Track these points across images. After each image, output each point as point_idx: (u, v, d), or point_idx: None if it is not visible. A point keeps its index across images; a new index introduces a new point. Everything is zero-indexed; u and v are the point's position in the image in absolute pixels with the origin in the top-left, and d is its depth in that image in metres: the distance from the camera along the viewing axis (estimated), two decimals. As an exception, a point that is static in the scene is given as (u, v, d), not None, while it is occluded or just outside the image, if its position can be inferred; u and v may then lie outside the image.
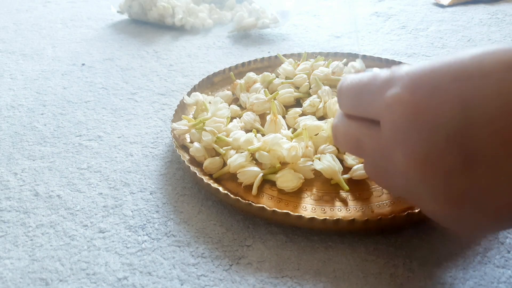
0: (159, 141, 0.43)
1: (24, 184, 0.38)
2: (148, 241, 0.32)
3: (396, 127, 0.22)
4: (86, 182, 0.38)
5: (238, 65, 0.52)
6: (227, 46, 0.65)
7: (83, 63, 0.60)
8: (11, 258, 0.31)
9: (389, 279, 0.28)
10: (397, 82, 0.22)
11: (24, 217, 0.34)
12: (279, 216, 0.31)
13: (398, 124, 0.21)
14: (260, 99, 0.43)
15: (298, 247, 0.31)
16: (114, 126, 0.46)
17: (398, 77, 0.22)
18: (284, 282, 0.28)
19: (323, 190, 0.34)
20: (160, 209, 0.34)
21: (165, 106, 0.49)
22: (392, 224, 0.30)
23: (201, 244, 0.31)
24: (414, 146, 0.21)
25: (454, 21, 0.72)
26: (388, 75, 0.23)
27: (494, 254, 0.30)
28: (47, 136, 0.44)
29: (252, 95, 0.44)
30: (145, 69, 0.58)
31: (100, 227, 0.33)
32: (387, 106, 0.22)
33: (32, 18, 0.78)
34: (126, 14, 0.75)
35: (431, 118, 0.20)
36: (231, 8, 0.78)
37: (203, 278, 0.29)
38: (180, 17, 0.70)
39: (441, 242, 0.31)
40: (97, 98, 0.51)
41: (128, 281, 0.29)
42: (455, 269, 0.29)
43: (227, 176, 0.36)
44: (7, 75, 0.57)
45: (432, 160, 0.20)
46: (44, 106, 0.50)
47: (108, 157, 0.41)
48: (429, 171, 0.21)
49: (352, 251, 0.30)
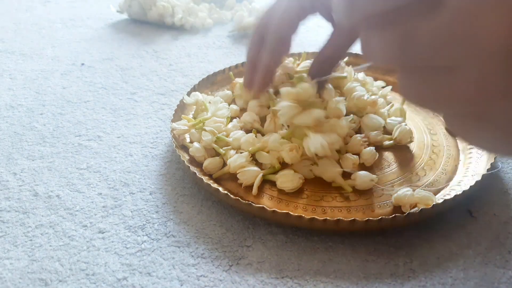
0: (158, 141, 0.43)
1: (24, 184, 0.38)
2: (148, 242, 0.32)
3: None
4: (86, 182, 0.38)
5: (238, 65, 0.51)
6: (227, 45, 0.65)
7: (83, 62, 0.60)
8: (10, 259, 0.30)
9: (390, 279, 0.28)
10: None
11: (23, 217, 0.34)
12: (279, 216, 0.31)
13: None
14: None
15: (299, 248, 0.31)
16: (114, 126, 0.46)
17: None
18: (284, 282, 0.28)
19: (324, 191, 0.34)
20: (159, 210, 0.34)
21: (165, 106, 0.49)
22: (392, 224, 0.30)
23: (201, 245, 0.31)
24: (497, 26, 0.14)
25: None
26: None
27: (495, 255, 0.29)
28: (47, 136, 0.44)
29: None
30: (144, 68, 0.58)
31: (100, 228, 0.33)
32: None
33: (32, 17, 0.78)
34: (125, 14, 0.75)
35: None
36: (231, 7, 0.77)
37: (203, 279, 0.29)
38: (180, 16, 0.70)
39: (441, 242, 0.30)
40: (96, 98, 0.51)
41: (128, 282, 0.29)
42: (456, 269, 0.28)
43: (227, 176, 0.36)
44: (7, 75, 0.57)
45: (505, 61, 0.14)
46: (43, 106, 0.50)
47: (108, 157, 0.41)
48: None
49: (353, 252, 0.30)
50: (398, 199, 0.32)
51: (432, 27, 0.15)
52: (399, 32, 0.16)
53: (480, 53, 0.14)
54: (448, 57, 0.15)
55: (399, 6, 0.16)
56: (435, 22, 0.15)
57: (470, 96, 0.16)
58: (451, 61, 0.15)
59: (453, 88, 0.16)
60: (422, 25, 0.15)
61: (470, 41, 0.14)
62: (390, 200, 0.33)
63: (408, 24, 0.16)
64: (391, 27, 0.16)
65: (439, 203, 0.31)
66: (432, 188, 0.34)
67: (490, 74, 0.15)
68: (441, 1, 0.15)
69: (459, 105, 0.16)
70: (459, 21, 0.14)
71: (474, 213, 0.33)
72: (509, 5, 0.13)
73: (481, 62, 0.15)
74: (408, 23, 0.16)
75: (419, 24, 0.15)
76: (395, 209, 0.32)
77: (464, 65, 0.15)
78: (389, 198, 0.33)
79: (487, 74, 0.15)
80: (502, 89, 0.15)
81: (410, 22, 0.16)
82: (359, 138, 0.37)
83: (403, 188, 0.32)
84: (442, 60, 0.16)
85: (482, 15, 0.14)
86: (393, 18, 0.16)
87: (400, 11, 0.16)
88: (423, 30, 0.15)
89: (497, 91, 0.15)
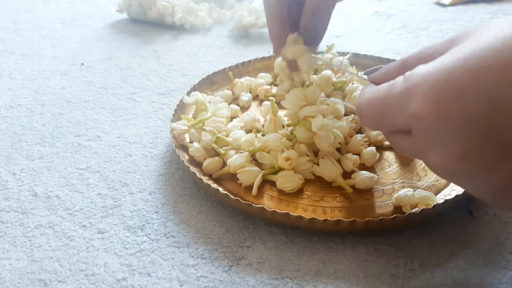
0: (158, 141, 0.43)
1: (23, 184, 0.37)
2: (147, 242, 0.31)
3: (427, 133, 0.22)
4: (85, 182, 0.37)
5: (238, 64, 0.51)
6: (227, 45, 0.65)
7: (82, 62, 0.60)
8: (9, 259, 0.30)
9: (390, 279, 0.28)
10: (416, 93, 0.22)
11: (22, 217, 0.34)
12: (279, 216, 0.30)
13: (428, 130, 0.22)
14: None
15: (299, 248, 0.30)
16: (113, 126, 0.45)
17: (416, 87, 0.22)
18: (284, 283, 0.28)
19: (324, 191, 0.34)
20: (159, 210, 0.34)
21: (165, 106, 0.49)
22: (393, 224, 0.30)
23: (201, 245, 0.31)
24: (449, 147, 0.21)
25: (455, 20, 0.72)
26: (403, 87, 0.23)
27: (495, 255, 0.29)
28: (46, 136, 0.44)
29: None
30: (144, 68, 0.58)
31: (99, 228, 0.33)
32: (414, 118, 0.22)
33: (32, 18, 0.78)
34: (125, 14, 0.75)
35: (460, 120, 0.20)
36: (231, 7, 0.77)
37: (203, 279, 0.28)
38: (180, 16, 0.70)
39: (442, 243, 0.30)
40: (96, 98, 0.51)
41: (127, 282, 0.28)
42: (456, 270, 0.28)
43: (227, 176, 0.36)
44: (6, 75, 0.57)
45: (469, 157, 0.21)
46: (43, 106, 0.49)
47: (107, 157, 0.41)
48: (468, 167, 0.21)
49: (353, 252, 0.30)
50: (399, 199, 0.31)
51: (406, 144, 0.25)
52: (394, 142, 0.26)
53: (431, 165, 0.24)
54: (424, 160, 0.24)
55: (390, 132, 0.26)
56: (407, 141, 0.24)
57: (441, 176, 0.25)
58: (427, 163, 0.24)
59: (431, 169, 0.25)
60: (403, 141, 0.25)
61: (427, 158, 0.23)
62: (391, 200, 0.33)
63: (395, 139, 0.26)
64: (389, 138, 0.27)
65: (440, 203, 0.31)
66: (433, 188, 0.34)
67: (452, 179, 0.25)
68: (410, 132, 0.23)
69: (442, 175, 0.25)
70: (417, 147, 0.24)
71: (475, 213, 0.33)
72: (448, 144, 0.21)
73: (444, 171, 0.23)
74: (395, 139, 0.26)
75: (401, 140, 0.25)
76: (395, 209, 0.32)
77: (434, 169, 0.24)
78: (389, 198, 0.33)
79: (450, 178, 0.24)
80: (462, 185, 0.24)
81: (396, 139, 0.26)
82: (359, 138, 0.37)
83: (403, 189, 0.32)
84: (418, 157, 0.26)
85: (430, 150, 0.22)
86: (389, 134, 0.26)
87: (391, 134, 0.26)
88: (403, 144, 0.25)
89: (460, 185, 0.25)
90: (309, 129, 0.34)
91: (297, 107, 0.35)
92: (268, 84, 0.48)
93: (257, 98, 0.47)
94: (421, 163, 0.37)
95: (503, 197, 0.22)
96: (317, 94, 0.35)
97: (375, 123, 0.26)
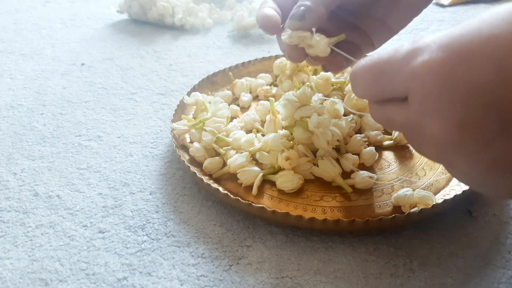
0: (158, 141, 0.43)
1: (24, 184, 0.38)
2: (148, 242, 0.32)
3: (426, 96, 0.21)
4: (86, 182, 0.38)
5: (238, 65, 0.51)
6: (227, 46, 0.65)
7: (83, 63, 0.60)
8: (10, 258, 0.30)
9: (390, 279, 0.28)
10: (424, 50, 0.21)
11: (23, 217, 0.34)
12: (279, 216, 0.31)
13: (429, 93, 0.21)
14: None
15: (298, 248, 0.31)
16: (114, 126, 0.46)
17: (424, 46, 0.21)
18: (284, 282, 0.28)
19: (323, 191, 0.34)
20: (159, 209, 0.34)
21: (165, 106, 0.49)
22: (392, 224, 0.30)
23: (201, 245, 0.31)
24: (448, 113, 0.20)
25: (454, 20, 0.72)
26: (411, 46, 0.22)
27: (495, 255, 0.29)
28: (47, 136, 0.44)
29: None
30: (144, 69, 0.58)
31: (100, 227, 0.33)
32: (415, 76, 0.21)
33: (32, 18, 0.78)
34: (125, 14, 0.75)
35: (466, 84, 0.19)
36: (231, 7, 0.77)
37: (203, 279, 0.29)
38: (180, 16, 0.70)
39: (441, 242, 0.30)
40: (96, 98, 0.51)
41: (128, 282, 0.29)
42: (456, 270, 0.28)
43: (227, 176, 0.36)
44: (7, 75, 0.57)
45: (468, 126, 0.20)
46: (43, 106, 0.50)
47: (108, 157, 0.41)
48: (465, 137, 0.20)
49: (353, 252, 0.30)
50: (398, 199, 0.32)
51: (399, 113, 0.23)
52: (384, 115, 0.25)
53: (433, 139, 0.22)
54: (414, 133, 0.23)
55: (382, 101, 0.24)
56: (401, 111, 0.23)
57: (433, 159, 0.24)
58: (417, 136, 0.23)
59: (422, 151, 0.24)
60: (396, 111, 0.23)
61: (422, 128, 0.22)
62: (390, 200, 0.33)
63: (387, 110, 0.24)
64: (380, 109, 0.25)
65: (439, 203, 0.31)
66: (432, 188, 0.34)
67: (440, 154, 0.22)
68: (406, 99, 0.22)
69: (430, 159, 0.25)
70: (412, 115, 0.22)
71: (474, 213, 0.33)
72: (447, 109, 0.20)
73: (436, 144, 0.22)
74: (387, 109, 0.24)
75: (394, 110, 0.24)
76: (395, 209, 0.32)
77: (425, 144, 0.23)
78: (389, 198, 0.33)
79: (439, 154, 0.22)
80: (449, 163, 0.23)
81: (389, 108, 0.24)
82: (359, 138, 0.37)
83: (402, 188, 0.32)
84: (412, 134, 0.23)
85: (427, 116, 0.21)
86: (381, 103, 0.25)
87: (385, 101, 0.24)
88: (396, 114, 0.23)
89: (446, 164, 0.23)
90: (306, 129, 0.35)
91: (292, 110, 0.35)
92: (268, 84, 0.49)
93: (257, 99, 0.48)
94: (420, 163, 0.37)
95: (492, 176, 0.21)
96: (310, 94, 0.35)
97: (368, 88, 0.25)
